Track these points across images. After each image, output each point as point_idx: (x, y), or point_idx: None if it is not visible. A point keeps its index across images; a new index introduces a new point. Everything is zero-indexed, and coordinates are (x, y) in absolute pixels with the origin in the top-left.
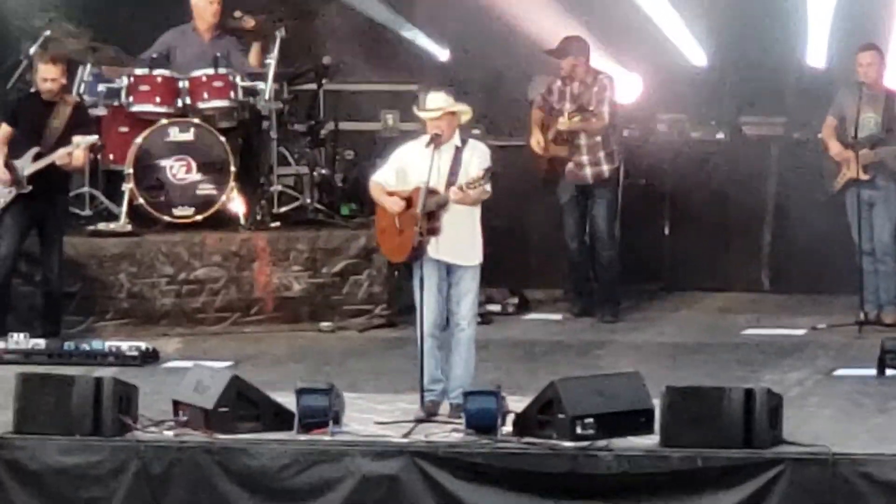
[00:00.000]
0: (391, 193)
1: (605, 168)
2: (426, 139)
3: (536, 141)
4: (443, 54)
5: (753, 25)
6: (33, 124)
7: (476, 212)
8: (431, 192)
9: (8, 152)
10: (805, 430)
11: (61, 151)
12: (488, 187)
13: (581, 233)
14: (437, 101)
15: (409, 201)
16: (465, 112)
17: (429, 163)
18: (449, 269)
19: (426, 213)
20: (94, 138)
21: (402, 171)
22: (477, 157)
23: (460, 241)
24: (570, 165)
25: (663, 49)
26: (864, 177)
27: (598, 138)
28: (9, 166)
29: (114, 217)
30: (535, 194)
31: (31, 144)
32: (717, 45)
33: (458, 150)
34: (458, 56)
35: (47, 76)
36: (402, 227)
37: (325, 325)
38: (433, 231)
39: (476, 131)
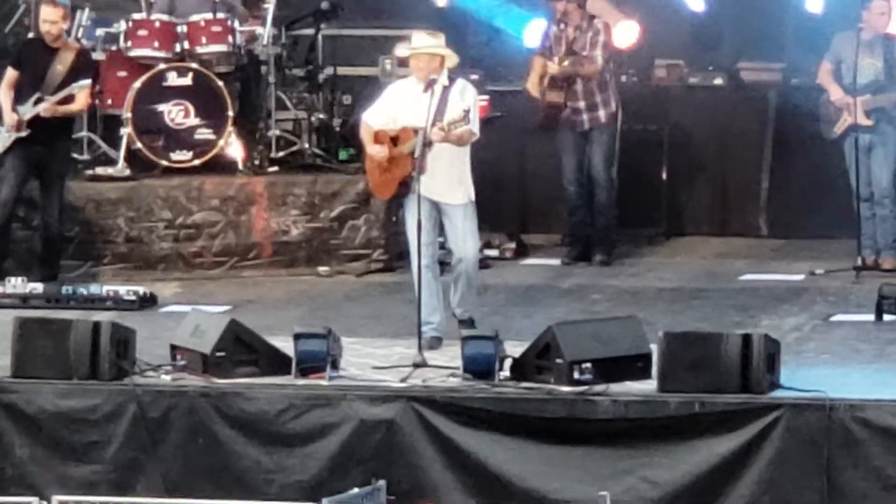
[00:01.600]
0: (377, 134)
1: (602, 112)
2: (412, 79)
3: (532, 83)
4: (441, 1)
5: None
6: (36, 69)
7: (464, 152)
8: (415, 131)
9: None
10: (802, 375)
11: (43, 105)
12: (475, 128)
13: (579, 177)
14: (421, 41)
15: (395, 140)
16: (449, 56)
17: (417, 103)
18: (440, 209)
19: (408, 152)
20: (86, 83)
21: (392, 111)
22: (462, 97)
23: (447, 179)
24: (566, 111)
25: None
26: (866, 122)
27: (594, 83)
28: (15, 111)
29: (112, 161)
30: (533, 139)
31: (34, 89)
32: None
33: (446, 90)
34: (455, 2)
35: (48, 18)
36: (389, 165)
37: (322, 269)
38: (417, 168)
39: (474, 76)
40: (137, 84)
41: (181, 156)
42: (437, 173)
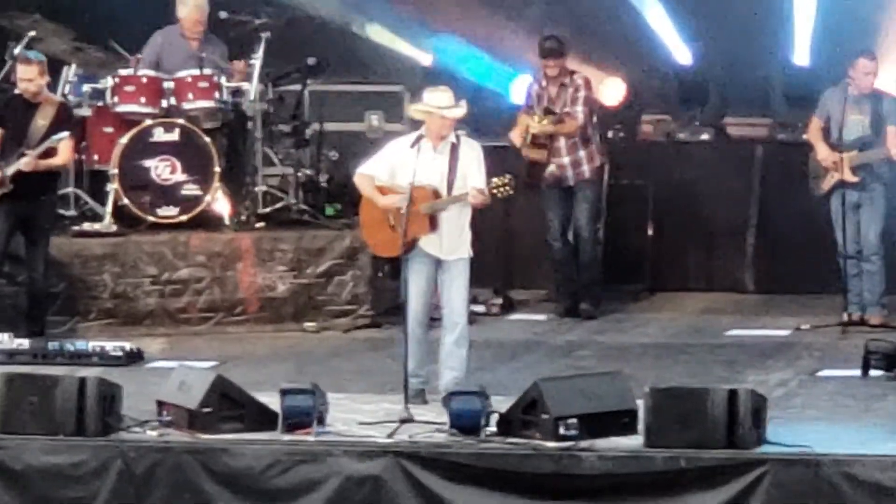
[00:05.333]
0: (382, 190)
1: (587, 168)
2: (415, 137)
3: (515, 135)
4: (426, 59)
5: (738, 26)
6: (18, 124)
7: (469, 210)
8: (435, 192)
9: None
10: (789, 430)
11: (25, 159)
12: (498, 194)
13: (564, 233)
14: (436, 99)
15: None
16: (464, 110)
17: (424, 160)
18: (439, 265)
19: (431, 212)
20: (64, 135)
21: (393, 167)
22: (475, 156)
23: (452, 236)
24: (551, 167)
25: (648, 50)
26: (852, 179)
27: (577, 138)
28: None
29: (98, 217)
30: (519, 195)
31: (18, 145)
32: (702, 46)
33: (455, 147)
34: (440, 60)
35: (24, 76)
36: (395, 222)
37: (309, 325)
38: (433, 229)
39: (460, 132)
40: (124, 140)
41: (168, 211)
42: (445, 231)
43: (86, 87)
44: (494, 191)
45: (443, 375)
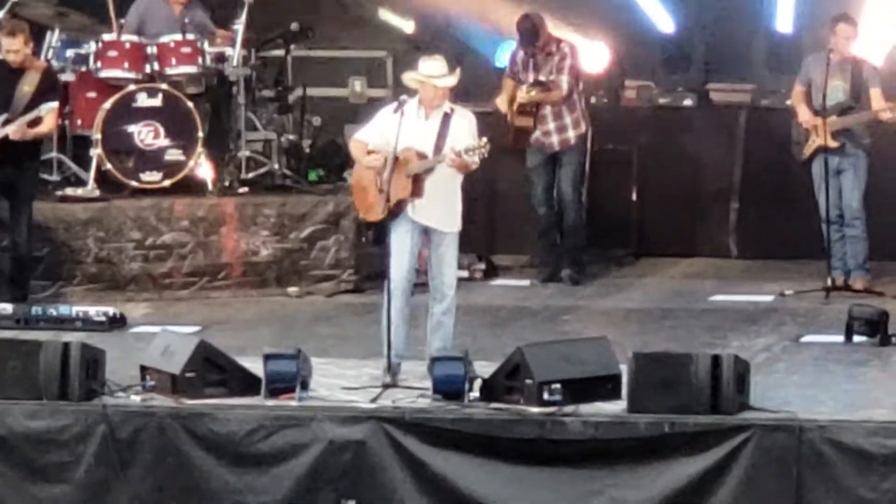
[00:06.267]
0: (371, 153)
1: (572, 134)
2: (413, 103)
3: (501, 101)
4: (408, 27)
5: None
6: (2, 90)
7: (458, 179)
8: (419, 155)
9: None
10: (772, 396)
11: (12, 126)
12: (477, 159)
13: (549, 199)
14: (430, 69)
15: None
16: (457, 77)
17: (416, 127)
18: (427, 234)
19: (412, 175)
20: (54, 105)
21: (386, 133)
22: (467, 124)
23: (441, 206)
24: (536, 133)
25: (631, 15)
26: (832, 144)
27: (563, 105)
28: None
29: (82, 182)
30: (503, 160)
31: (3, 110)
32: (685, 12)
33: (447, 116)
34: (424, 27)
35: (9, 48)
36: (382, 186)
37: (292, 290)
38: (416, 193)
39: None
40: (107, 105)
41: (151, 177)
42: (434, 199)
43: (69, 53)
44: (468, 154)
45: (431, 344)
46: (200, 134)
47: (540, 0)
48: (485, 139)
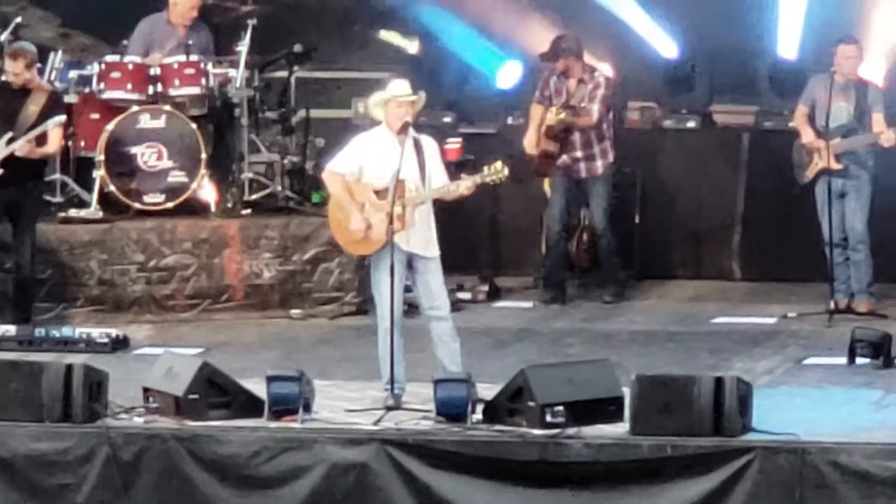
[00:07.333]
0: (350, 189)
1: (600, 164)
2: (382, 130)
3: (528, 140)
4: (411, 47)
5: (725, 14)
6: (8, 109)
7: (430, 204)
8: (407, 184)
9: None
10: (775, 418)
11: (19, 142)
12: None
13: (563, 219)
14: (401, 88)
15: (378, 194)
16: (421, 100)
17: (392, 155)
18: (411, 262)
19: (417, 204)
20: (61, 118)
21: (361, 161)
22: (435, 151)
23: (426, 232)
24: (564, 158)
25: (635, 37)
26: (836, 166)
27: (592, 134)
28: None
29: (85, 204)
30: (507, 182)
31: (7, 130)
32: (689, 34)
33: (418, 143)
34: (427, 47)
35: (12, 70)
36: (369, 220)
37: (295, 312)
38: (411, 222)
39: (447, 119)
40: (110, 126)
41: (154, 198)
42: (419, 226)
43: (72, 74)
44: (489, 178)
45: (444, 367)
46: (204, 156)
47: (544, 22)
48: (500, 163)
